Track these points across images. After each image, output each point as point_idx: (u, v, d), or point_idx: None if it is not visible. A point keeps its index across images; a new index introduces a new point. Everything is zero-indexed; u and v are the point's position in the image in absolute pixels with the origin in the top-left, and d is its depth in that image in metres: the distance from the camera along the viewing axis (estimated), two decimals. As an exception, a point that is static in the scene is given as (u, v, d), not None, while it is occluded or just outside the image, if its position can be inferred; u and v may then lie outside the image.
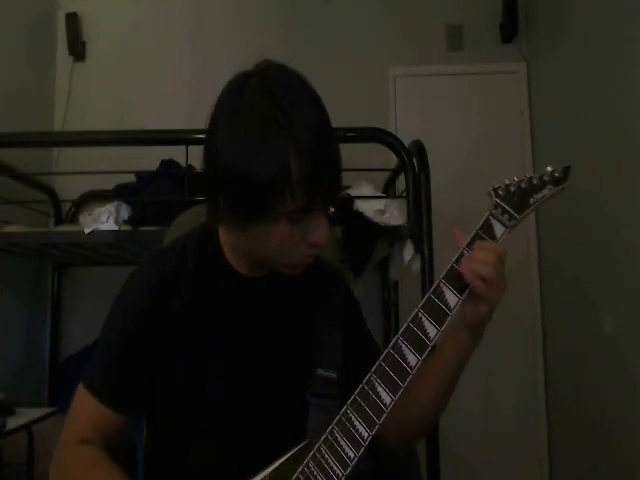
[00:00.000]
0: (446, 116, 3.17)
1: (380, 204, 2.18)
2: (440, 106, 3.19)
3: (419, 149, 2.16)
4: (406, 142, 2.19)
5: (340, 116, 0.82)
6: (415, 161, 2.12)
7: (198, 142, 2.35)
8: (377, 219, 2.13)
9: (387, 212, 2.17)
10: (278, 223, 0.77)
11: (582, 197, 2.40)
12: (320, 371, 0.90)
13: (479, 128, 3.16)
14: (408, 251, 2.09)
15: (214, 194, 0.82)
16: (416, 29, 3.25)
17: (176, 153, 2.37)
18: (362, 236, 2.09)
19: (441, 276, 0.81)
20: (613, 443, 2.26)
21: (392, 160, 2.47)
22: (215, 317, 0.90)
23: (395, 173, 2.61)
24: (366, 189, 2.31)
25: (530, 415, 3.02)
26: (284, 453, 0.79)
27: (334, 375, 0.90)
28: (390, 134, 2.21)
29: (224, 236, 0.92)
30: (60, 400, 2.81)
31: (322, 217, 0.80)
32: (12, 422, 2.02)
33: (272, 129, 0.73)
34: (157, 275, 0.90)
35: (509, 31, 3.16)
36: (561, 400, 2.86)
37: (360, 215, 2.12)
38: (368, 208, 2.15)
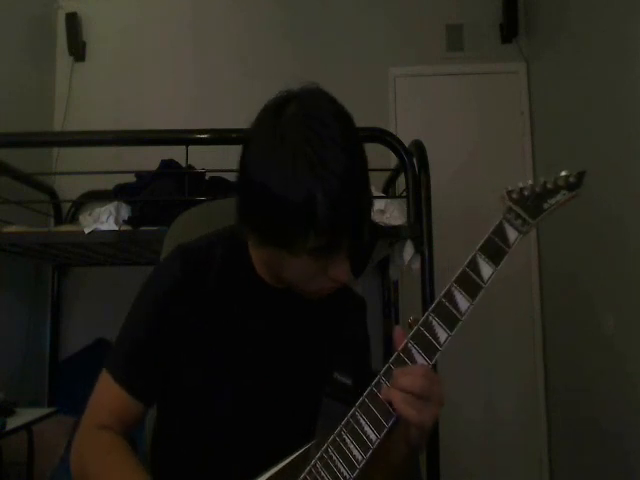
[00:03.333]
0: (446, 116, 3.17)
1: (380, 204, 2.18)
2: (440, 106, 3.19)
3: (419, 149, 2.16)
4: (406, 142, 2.19)
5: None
6: (415, 161, 2.12)
7: (198, 142, 2.35)
8: (377, 219, 2.13)
9: (387, 212, 2.17)
10: (299, 257, 0.77)
11: (582, 197, 2.40)
12: (337, 375, 0.90)
13: (479, 128, 3.16)
14: (408, 251, 2.09)
15: (240, 208, 0.81)
16: (416, 29, 3.25)
17: (176, 153, 2.37)
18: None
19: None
20: (614, 448, 2.25)
21: (392, 160, 2.47)
22: (235, 321, 0.90)
23: (395, 173, 2.61)
24: (366, 189, 2.30)
25: (530, 420, 3.01)
26: (292, 454, 0.79)
27: (349, 382, 0.90)
28: (390, 134, 2.21)
29: (251, 244, 0.91)
30: (60, 400, 2.80)
31: (344, 256, 0.80)
32: (12, 422, 2.02)
33: (303, 166, 0.73)
34: (182, 271, 0.89)
35: (509, 31, 3.16)
36: (562, 405, 2.85)
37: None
38: (368, 208, 2.14)
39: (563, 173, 0.84)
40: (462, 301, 0.78)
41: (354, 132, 0.80)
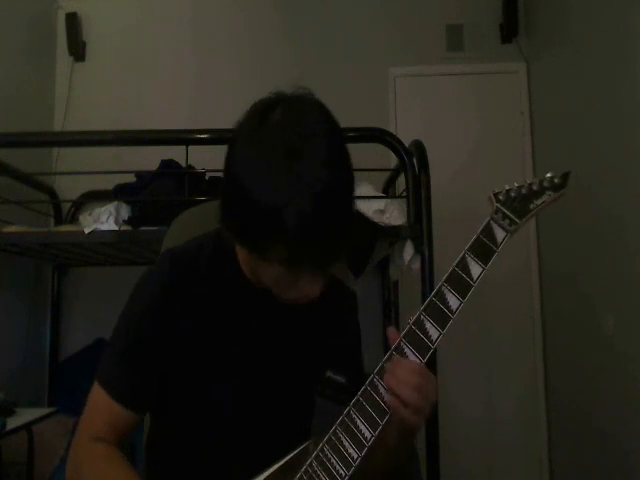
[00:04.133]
0: (446, 116, 3.17)
1: (380, 204, 2.18)
2: (440, 106, 3.19)
3: (419, 149, 2.16)
4: (406, 142, 2.19)
5: (340, 116, 0.82)
6: (415, 161, 2.12)
7: (198, 142, 2.35)
8: (377, 219, 2.13)
9: (387, 212, 2.17)
10: (271, 264, 0.76)
11: (582, 197, 2.40)
12: (329, 374, 0.91)
13: (479, 128, 3.16)
14: (408, 251, 2.09)
15: (222, 208, 0.80)
16: (416, 29, 3.25)
17: (176, 153, 2.37)
18: (362, 236, 2.09)
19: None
20: (614, 448, 2.25)
21: (392, 160, 2.47)
22: (224, 322, 0.90)
23: (395, 173, 2.61)
24: (366, 189, 2.30)
25: (530, 420, 3.01)
26: (288, 454, 0.79)
27: (343, 380, 0.90)
28: (390, 134, 2.21)
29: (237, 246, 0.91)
30: (60, 400, 2.81)
31: (316, 271, 0.78)
32: (12, 422, 2.01)
33: (280, 177, 0.71)
34: (172, 272, 0.89)
35: (509, 31, 3.16)
36: (562, 405, 2.85)
37: (360, 215, 2.12)
38: (368, 208, 2.14)
39: (548, 175, 0.87)
40: (453, 300, 0.80)
41: (340, 144, 0.78)
